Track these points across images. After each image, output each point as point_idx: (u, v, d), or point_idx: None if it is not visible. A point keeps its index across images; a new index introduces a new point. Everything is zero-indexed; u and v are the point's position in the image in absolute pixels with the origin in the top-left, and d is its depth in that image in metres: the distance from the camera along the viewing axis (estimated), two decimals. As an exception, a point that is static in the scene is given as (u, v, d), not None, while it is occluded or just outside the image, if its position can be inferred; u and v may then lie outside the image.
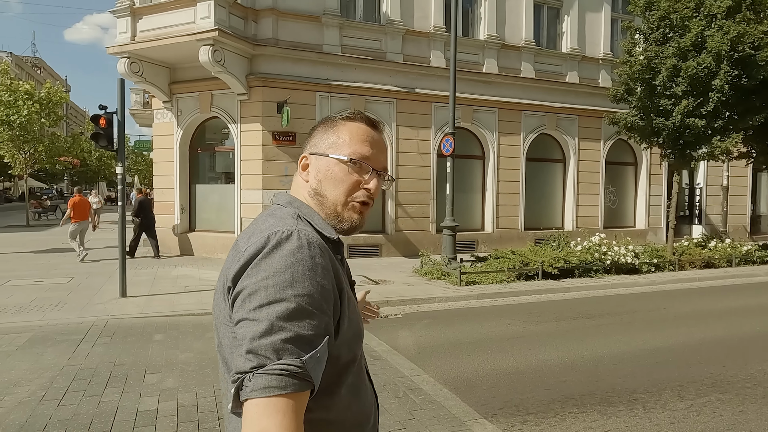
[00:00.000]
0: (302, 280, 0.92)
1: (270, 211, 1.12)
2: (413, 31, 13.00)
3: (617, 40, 15.42)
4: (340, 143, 1.13)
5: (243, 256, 0.97)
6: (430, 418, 3.86)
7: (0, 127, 21.97)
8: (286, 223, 1.01)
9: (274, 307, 0.89)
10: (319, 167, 1.14)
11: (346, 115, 1.18)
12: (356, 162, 1.12)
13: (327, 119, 1.20)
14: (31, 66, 66.35)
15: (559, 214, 15.57)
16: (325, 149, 1.14)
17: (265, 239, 0.97)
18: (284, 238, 0.96)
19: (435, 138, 13.18)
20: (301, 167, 1.17)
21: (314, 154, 1.15)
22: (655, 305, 8.22)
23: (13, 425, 3.68)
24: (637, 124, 11.44)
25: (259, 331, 0.88)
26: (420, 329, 6.64)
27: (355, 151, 1.12)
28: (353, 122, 1.17)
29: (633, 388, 4.57)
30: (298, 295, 0.91)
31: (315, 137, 1.17)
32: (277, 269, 0.92)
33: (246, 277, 0.94)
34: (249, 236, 1.02)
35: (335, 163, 1.12)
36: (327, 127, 1.17)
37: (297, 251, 0.95)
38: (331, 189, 1.12)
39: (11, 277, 9.40)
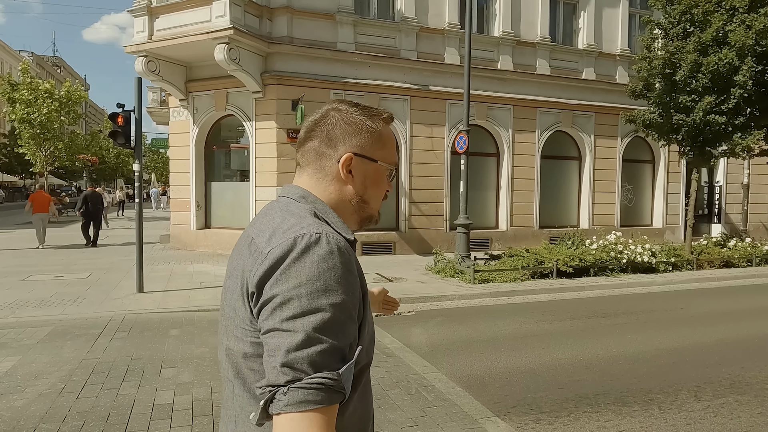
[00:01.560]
0: (335, 288, 0.89)
1: (284, 206, 1.05)
2: (427, 29, 12.95)
3: (635, 36, 15.20)
4: (387, 150, 1.12)
5: (267, 258, 0.91)
6: (443, 415, 3.86)
7: (21, 125, 22.46)
8: (309, 224, 0.96)
9: (309, 317, 0.86)
10: (367, 172, 1.10)
11: (380, 115, 1.13)
12: (393, 171, 1.15)
13: (357, 113, 1.11)
14: (51, 65, 67.57)
15: (574, 213, 15.41)
16: (373, 154, 1.10)
17: (292, 242, 0.91)
18: (313, 242, 0.91)
19: (449, 135, 13.14)
20: (344, 166, 1.08)
21: (361, 156, 1.09)
22: (672, 305, 8.10)
23: (34, 416, 3.77)
24: (656, 120, 11.27)
25: (294, 343, 0.85)
26: (433, 327, 6.63)
27: (394, 161, 1.15)
28: (388, 126, 1.15)
29: (648, 388, 4.52)
30: (333, 305, 0.88)
31: (357, 137, 1.09)
32: (310, 277, 0.88)
33: (275, 284, 0.89)
34: (269, 235, 0.96)
35: (382, 171, 1.12)
36: (369, 129, 1.10)
37: (328, 257, 0.90)
38: (374, 195, 1.13)
39: (32, 272, 9.60)
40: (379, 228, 12.74)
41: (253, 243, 0.98)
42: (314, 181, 1.10)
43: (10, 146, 37.64)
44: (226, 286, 1.04)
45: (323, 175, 1.09)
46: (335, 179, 1.09)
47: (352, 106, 1.12)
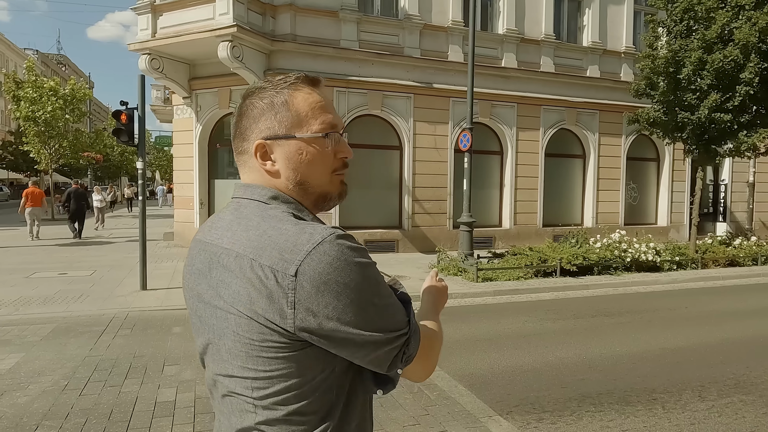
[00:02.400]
0: (376, 280, 0.92)
1: (259, 211, 0.95)
2: (431, 26, 12.91)
3: (640, 33, 15.09)
4: (303, 119, 0.99)
5: (291, 280, 0.85)
6: (445, 414, 3.85)
7: (26, 123, 22.52)
8: (313, 227, 0.89)
9: (390, 318, 0.92)
10: (289, 154, 0.98)
11: (284, 83, 1.01)
12: (330, 134, 1.00)
13: (261, 93, 1.01)
14: (56, 63, 67.78)
15: (578, 211, 15.35)
16: (288, 130, 0.98)
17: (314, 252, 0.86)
18: (338, 246, 0.88)
19: (452, 133, 13.10)
20: (260, 156, 0.99)
21: (273, 138, 0.98)
22: (676, 304, 8.06)
23: (36, 413, 3.78)
24: (660, 119, 11.20)
25: (383, 353, 0.91)
26: (436, 325, 6.61)
27: (323, 123, 1.00)
28: (301, 90, 1.01)
29: (652, 387, 4.49)
30: (388, 295, 0.94)
31: (262, 120, 0.99)
32: (360, 282, 0.88)
33: (327, 306, 0.85)
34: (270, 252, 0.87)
35: (307, 144, 0.98)
36: (273, 104, 0.99)
37: (358, 255, 0.90)
38: (313, 173, 0.99)
39: (37, 270, 9.64)
40: (381, 226, 12.74)
41: (237, 266, 0.89)
42: (252, 177, 1.02)
43: (16, 144, 37.81)
44: (216, 317, 0.93)
45: (255, 173, 1.01)
46: (263, 172, 1.00)
47: (262, 83, 1.03)
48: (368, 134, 12.61)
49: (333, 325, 0.85)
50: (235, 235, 0.93)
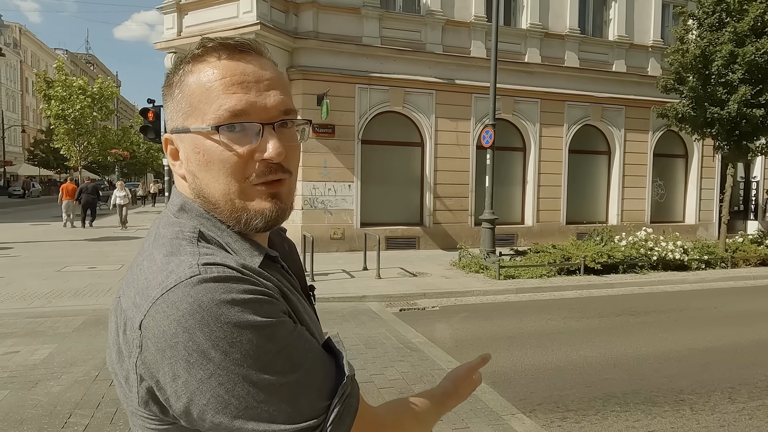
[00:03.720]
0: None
1: (159, 232, 0.73)
2: (453, 21, 12.82)
3: (668, 27, 14.74)
4: (196, 104, 0.72)
5: (137, 338, 0.64)
6: (467, 411, 3.84)
7: (56, 121, 23.17)
8: (180, 261, 0.66)
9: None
10: (188, 152, 0.74)
11: (194, 53, 0.76)
12: (229, 126, 0.70)
13: (172, 71, 0.77)
14: (85, 62, 69.47)
15: (603, 208, 15.10)
16: (183, 121, 0.73)
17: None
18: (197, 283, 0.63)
19: (475, 130, 13.01)
20: (170, 154, 0.78)
21: (174, 132, 0.75)
22: (704, 304, 7.88)
23: (69, 402, 3.91)
24: (689, 114, 10.93)
25: None
26: (457, 322, 6.60)
27: (219, 110, 0.70)
28: (202, 62, 0.73)
29: (680, 388, 4.40)
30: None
31: (167, 107, 0.77)
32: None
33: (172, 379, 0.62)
34: (134, 300, 0.66)
35: (202, 139, 0.72)
36: (171, 85, 0.76)
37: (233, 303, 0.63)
38: (211, 180, 0.72)
39: (67, 264, 9.92)
40: (403, 223, 12.74)
41: (120, 308, 0.69)
42: (179, 182, 0.79)
43: (47, 142, 38.90)
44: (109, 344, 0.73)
45: (177, 178, 0.80)
46: (178, 174, 0.79)
47: (174, 65, 0.79)
48: (390, 131, 12.61)
49: (183, 406, 0.62)
50: (133, 264, 0.73)
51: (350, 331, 5.86)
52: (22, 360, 4.80)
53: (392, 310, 7.03)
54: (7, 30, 49.50)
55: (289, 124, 0.75)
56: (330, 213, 11.91)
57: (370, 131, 12.34)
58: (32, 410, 3.76)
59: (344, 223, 12.03)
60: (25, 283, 8.03)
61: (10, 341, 5.34)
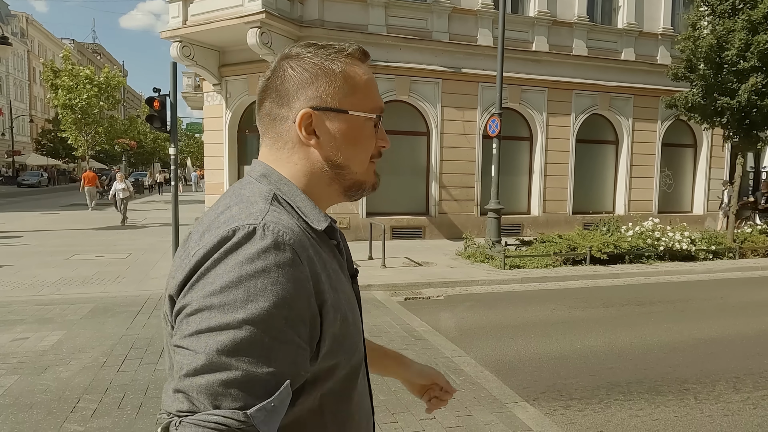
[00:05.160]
0: (260, 298, 0.68)
1: (237, 191, 0.84)
2: (460, 9, 12.69)
3: (678, 14, 14.51)
4: (359, 95, 0.87)
5: (191, 260, 0.73)
6: (471, 399, 3.87)
7: (63, 110, 23.26)
8: (252, 212, 0.75)
9: (216, 335, 0.66)
10: (337, 129, 0.86)
11: (340, 52, 0.89)
12: (379, 118, 0.89)
13: (310, 57, 0.87)
14: (91, 52, 69.52)
15: (610, 198, 15.01)
16: (340, 104, 0.86)
17: (220, 238, 0.72)
18: (244, 237, 0.71)
19: (481, 119, 12.93)
20: (304, 128, 0.85)
21: (323, 109, 0.85)
22: (711, 294, 7.84)
23: (78, 387, 3.97)
24: (699, 103, 10.79)
25: (193, 366, 0.66)
26: (462, 311, 6.62)
27: (376, 105, 0.89)
28: (358, 65, 0.90)
29: (684, 378, 4.40)
30: (252, 321, 0.67)
31: (312, 86, 0.85)
32: (227, 282, 0.68)
33: (188, 291, 0.72)
34: (203, 231, 0.77)
35: (359, 123, 0.87)
36: (327, 72, 0.86)
37: (257, 257, 0.69)
38: (355, 155, 0.88)
39: (76, 252, 10.01)
40: (408, 212, 12.73)
41: (188, 240, 0.80)
42: (274, 152, 0.88)
43: (55, 131, 39.09)
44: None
45: (282, 144, 0.87)
46: (297, 145, 0.86)
47: (307, 47, 0.89)
48: (396, 120, 12.55)
49: (177, 321, 0.73)
50: (206, 212, 0.84)
51: (355, 320, 5.88)
52: (32, 346, 4.87)
53: (397, 299, 7.05)
54: (14, 20, 49.56)
55: None
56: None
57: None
58: (42, 395, 3.82)
59: (350, 213, 12.04)
60: (34, 271, 8.12)
61: (19, 328, 5.42)
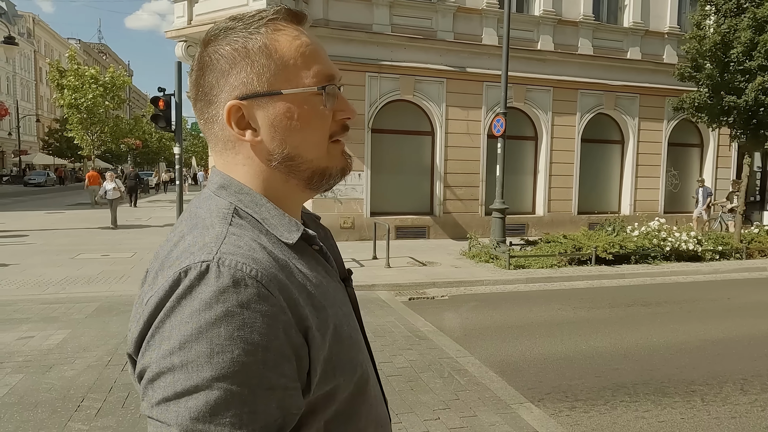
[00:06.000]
0: (228, 348, 0.58)
1: (193, 210, 0.74)
2: (465, 8, 12.66)
3: (684, 13, 14.43)
4: (290, 68, 0.73)
5: (144, 310, 0.63)
6: (475, 399, 3.85)
7: (69, 110, 23.37)
8: (206, 242, 0.65)
9: (186, 401, 0.58)
10: (274, 118, 0.72)
11: (260, 21, 0.74)
12: (328, 87, 0.74)
13: (229, 36, 0.73)
14: (97, 52, 69.84)
15: (615, 198, 14.93)
16: (271, 85, 0.72)
17: (171, 282, 0.62)
18: (196, 278, 0.61)
19: (486, 118, 12.89)
20: (235, 124, 0.73)
21: (251, 97, 0.72)
22: (718, 295, 7.78)
23: (83, 386, 3.97)
24: (706, 103, 10.72)
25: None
26: (466, 311, 6.59)
27: (321, 74, 0.74)
28: (284, 31, 0.74)
29: (691, 379, 4.36)
30: (223, 376, 0.58)
31: (233, 73, 0.72)
32: (186, 336, 0.59)
33: (146, 350, 0.62)
34: (157, 270, 0.67)
35: (298, 103, 0.73)
36: (248, 51, 0.72)
37: (216, 300, 0.60)
38: (306, 142, 0.74)
39: (81, 251, 10.05)
40: (413, 212, 12.70)
41: (144, 281, 0.71)
42: (222, 157, 0.76)
43: (61, 131, 39.30)
44: None
45: (223, 146, 0.75)
46: (238, 144, 0.74)
47: (225, 24, 0.75)
48: (400, 120, 12.54)
49: (142, 385, 0.63)
50: (168, 237, 0.74)
51: (359, 320, 5.87)
52: (37, 345, 4.88)
53: (401, 299, 7.04)
54: (21, 20, 49.85)
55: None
56: (340, 202, 11.92)
57: (380, 120, 12.29)
58: (46, 394, 3.83)
59: (354, 213, 12.03)
60: (39, 270, 8.16)
61: (25, 327, 5.44)
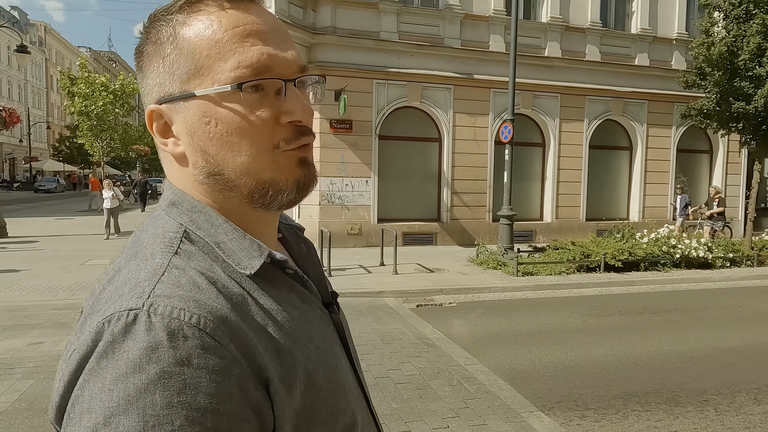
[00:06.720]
0: (167, 419, 0.47)
1: (138, 235, 0.63)
2: (472, 16, 12.70)
3: (692, 19, 14.38)
4: (203, 62, 0.59)
5: (66, 368, 0.52)
6: (485, 408, 3.82)
7: (80, 117, 23.61)
8: (139, 280, 0.54)
9: None
10: (191, 123, 0.60)
11: (180, 3, 0.61)
12: (253, 83, 0.59)
13: (151, 25, 0.62)
14: (107, 60, 70.66)
15: (624, 205, 14.85)
16: (183, 84, 0.60)
17: (94, 335, 0.51)
18: (121, 332, 0.49)
19: (493, 125, 12.89)
20: (157, 131, 0.63)
21: (167, 101, 0.61)
22: (729, 302, 7.69)
23: (92, 393, 3.98)
24: (714, 109, 10.66)
25: None
26: (474, 318, 6.56)
27: (239, 66, 0.58)
28: (201, 12, 0.60)
29: (703, 388, 4.31)
30: None
31: (150, 72, 0.62)
32: (112, 408, 0.47)
33: (68, 422, 0.50)
34: (88, 312, 0.56)
35: (214, 105, 0.59)
36: (160, 43, 0.61)
37: (147, 360, 0.48)
38: (230, 154, 0.60)
39: (91, 257, 10.12)
40: (420, 218, 12.69)
41: (77, 321, 0.58)
42: (166, 167, 0.66)
43: (71, 138, 39.72)
44: None
45: (163, 155, 0.65)
46: (166, 156, 0.64)
47: (155, 12, 0.63)
48: (407, 126, 12.56)
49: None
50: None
51: (367, 327, 5.87)
52: (47, 350, 4.91)
53: (409, 306, 7.02)
54: (33, 28, 50.58)
55: (308, 81, 0.65)
56: (347, 208, 11.94)
57: (387, 127, 12.32)
58: (56, 400, 3.84)
59: (361, 219, 12.04)
60: (49, 276, 8.22)
61: (35, 332, 5.47)
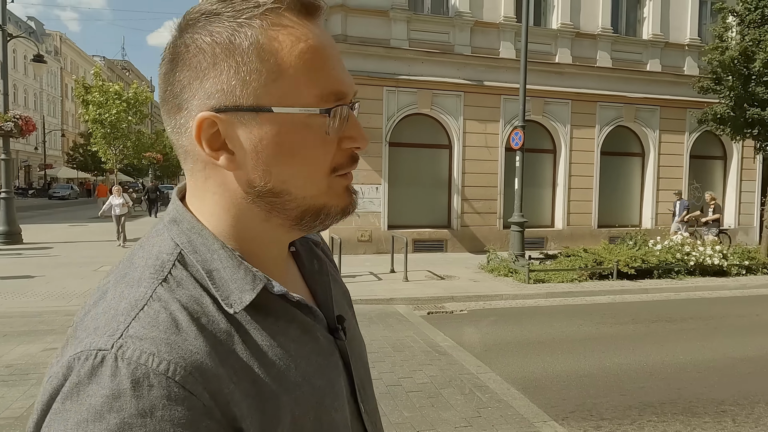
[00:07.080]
0: None
1: (131, 255, 0.58)
2: (482, 23, 12.72)
3: (705, 24, 14.29)
4: (288, 78, 0.54)
5: (39, 400, 0.48)
6: (498, 417, 3.78)
7: (93, 125, 23.96)
8: (117, 313, 0.50)
9: None
10: (259, 139, 0.55)
11: (255, 7, 0.54)
12: (333, 110, 0.56)
13: (212, 23, 0.54)
14: (120, 69, 71.71)
15: (636, 211, 14.71)
16: (258, 98, 0.54)
17: (63, 372, 0.47)
18: (87, 374, 0.46)
19: (504, 131, 12.86)
20: (206, 143, 0.55)
21: (230, 111, 0.54)
22: (746, 311, 7.56)
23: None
24: (728, 115, 10.56)
25: None
26: (486, 326, 6.52)
27: (328, 90, 0.56)
28: (287, 25, 0.55)
29: (721, 399, 4.23)
30: None
31: (211, 74, 0.54)
32: None
33: None
34: (67, 339, 0.52)
35: (293, 124, 0.55)
36: (232, 47, 0.53)
37: (109, 407, 0.44)
38: (296, 175, 0.56)
39: (103, 263, 10.21)
40: (430, 225, 12.67)
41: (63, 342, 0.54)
42: (190, 179, 0.60)
43: (85, 145, 40.27)
44: None
45: (192, 165, 0.58)
46: (209, 167, 0.57)
47: (210, 10, 0.55)
48: (417, 133, 12.57)
49: None
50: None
51: (378, 334, 5.85)
52: (61, 356, 4.95)
53: (420, 313, 6.99)
54: (49, 38, 51.50)
55: (355, 107, 0.61)
56: (357, 215, 11.94)
57: (397, 133, 12.34)
58: (70, 405, 3.86)
59: (372, 226, 12.04)
60: (63, 282, 8.31)
61: (50, 338, 5.52)
